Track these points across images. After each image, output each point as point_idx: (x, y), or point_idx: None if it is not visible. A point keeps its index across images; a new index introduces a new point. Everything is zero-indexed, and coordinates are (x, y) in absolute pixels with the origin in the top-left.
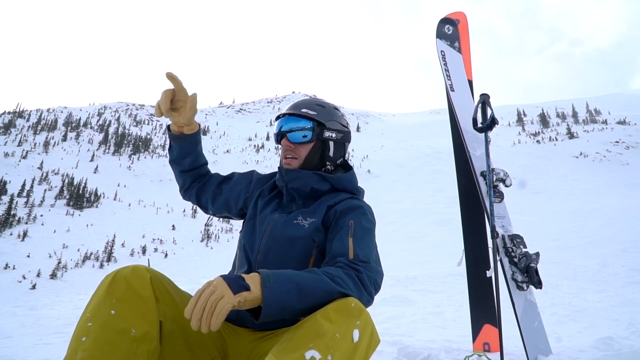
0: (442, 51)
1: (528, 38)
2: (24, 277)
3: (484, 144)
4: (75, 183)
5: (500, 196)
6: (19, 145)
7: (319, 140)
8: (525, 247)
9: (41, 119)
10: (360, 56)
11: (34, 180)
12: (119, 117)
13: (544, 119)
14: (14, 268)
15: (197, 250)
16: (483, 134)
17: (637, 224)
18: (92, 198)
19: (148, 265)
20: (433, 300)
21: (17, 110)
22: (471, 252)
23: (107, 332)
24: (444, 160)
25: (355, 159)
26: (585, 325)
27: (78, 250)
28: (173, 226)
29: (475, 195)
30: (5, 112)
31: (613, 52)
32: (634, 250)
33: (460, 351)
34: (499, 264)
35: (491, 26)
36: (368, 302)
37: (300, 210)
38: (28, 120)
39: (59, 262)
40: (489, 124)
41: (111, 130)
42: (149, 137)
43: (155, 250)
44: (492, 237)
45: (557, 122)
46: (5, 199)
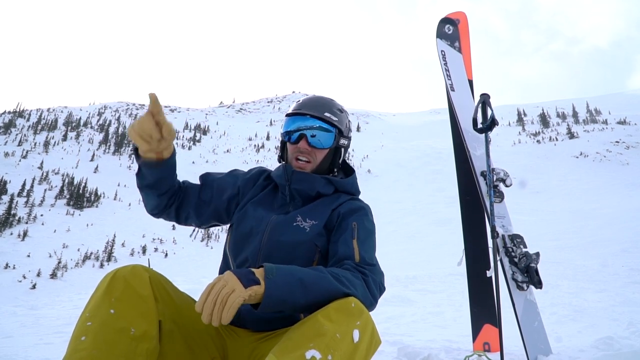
0: (442, 51)
1: (525, 37)
2: (24, 277)
3: (484, 144)
4: (75, 183)
5: (500, 196)
6: (19, 145)
7: (335, 147)
8: (525, 247)
9: (41, 119)
10: (360, 56)
11: (34, 180)
12: (119, 117)
13: (544, 119)
14: (14, 268)
15: (197, 250)
16: (483, 134)
17: (637, 224)
18: (92, 198)
19: (148, 265)
20: (433, 300)
21: (17, 110)
22: (471, 252)
23: (106, 332)
24: (444, 160)
25: (355, 159)
26: (585, 325)
27: (78, 250)
28: (173, 226)
29: (476, 195)
30: (5, 111)
31: (611, 51)
32: (634, 250)
33: (460, 351)
34: (499, 263)
35: (488, 25)
36: (372, 305)
37: (299, 210)
38: (28, 120)
39: (59, 262)
40: (489, 124)
41: (111, 130)
42: None
43: (156, 250)
44: (492, 237)
45: (557, 122)
46: (6, 198)
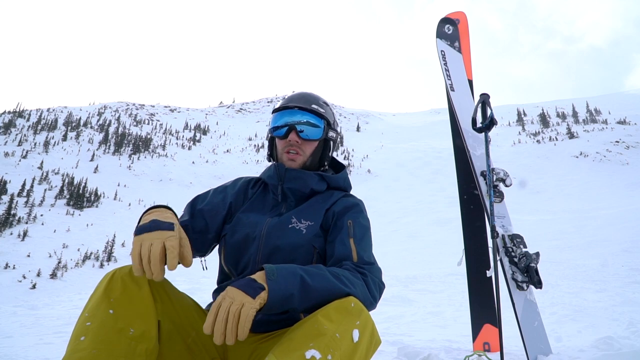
0: (442, 51)
1: (522, 36)
2: (24, 277)
3: (484, 144)
4: (75, 183)
5: (500, 196)
6: (19, 145)
7: (324, 139)
8: (525, 247)
9: (41, 119)
10: (360, 56)
11: (34, 180)
12: (119, 117)
13: (544, 119)
14: (14, 268)
15: None
16: (483, 133)
17: (637, 224)
18: (92, 198)
19: None
20: (433, 300)
21: (17, 110)
22: (471, 252)
23: (105, 332)
24: (444, 160)
25: (355, 158)
26: (585, 325)
27: (78, 250)
28: None
29: (476, 195)
30: (5, 111)
31: (609, 50)
32: (634, 250)
33: (460, 351)
34: (499, 263)
35: (485, 25)
36: (372, 304)
37: (293, 211)
38: (28, 120)
39: (59, 262)
40: (487, 124)
41: (111, 130)
42: (149, 136)
43: None
44: (492, 237)
45: (557, 121)
46: (5, 198)
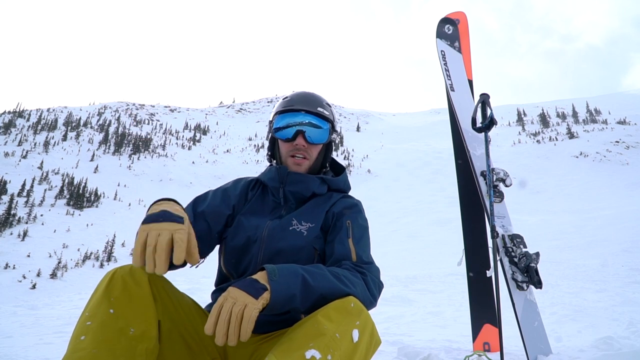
0: (442, 51)
1: (519, 36)
2: (24, 277)
3: (484, 144)
4: (75, 183)
5: (500, 196)
6: (19, 145)
7: (328, 142)
8: (525, 247)
9: (41, 119)
10: (360, 56)
11: (34, 180)
12: (119, 117)
13: (544, 119)
14: (14, 268)
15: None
16: (483, 133)
17: (637, 223)
18: (92, 198)
19: None
20: (433, 300)
21: (17, 110)
22: (471, 252)
23: (105, 331)
24: (444, 160)
25: (355, 159)
26: (585, 325)
27: (78, 250)
28: None
29: (476, 195)
30: (5, 111)
31: (606, 49)
32: (634, 250)
33: (460, 351)
34: (499, 263)
35: (482, 25)
36: (372, 303)
37: (293, 213)
38: (28, 120)
39: (59, 262)
40: (487, 124)
41: (111, 130)
42: (149, 136)
43: None
44: (492, 237)
45: (557, 122)
46: (5, 198)
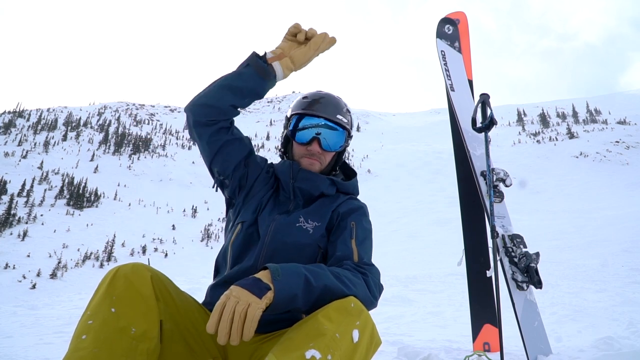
0: (442, 51)
1: (516, 36)
2: (24, 277)
3: (484, 144)
4: (75, 183)
5: (500, 196)
6: (19, 145)
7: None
8: (525, 247)
9: (41, 119)
10: (360, 56)
11: (34, 180)
12: (119, 117)
13: (544, 119)
14: (14, 268)
15: (197, 250)
16: (483, 133)
17: (637, 223)
18: (92, 198)
19: (148, 264)
20: (433, 300)
21: (17, 110)
22: (471, 252)
23: (107, 330)
24: (444, 160)
25: (355, 159)
26: (585, 325)
27: (78, 250)
28: (173, 226)
29: (476, 195)
30: (5, 111)
31: (603, 48)
32: (634, 250)
33: (460, 351)
34: (499, 263)
35: (479, 25)
36: (372, 304)
37: (301, 210)
38: (28, 120)
39: (59, 262)
40: (487, 124)
41: (111, 130)
42: (149, 136)
43: (155, 250)
44: (492, 237)
45: (557, 122)
46: (5, 198)
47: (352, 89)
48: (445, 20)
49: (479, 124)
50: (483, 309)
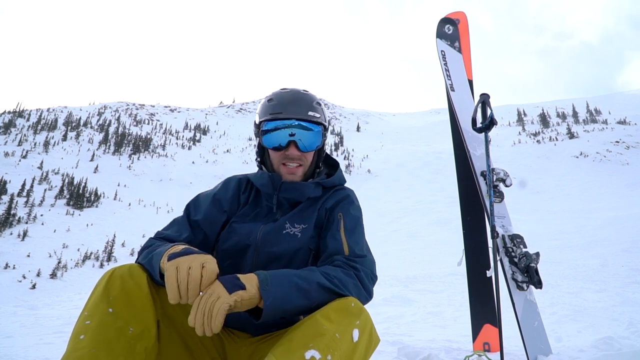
0: (442, 51)
1: (514, 36)
2: (24, 277)
3: (484, 144)
4: (75, 183)
5: (500, 196)
6: (19, 145)
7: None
8: (525, 247)
9: (41, 119)
10: (359, 56)
11: (34, 180)
12: (119, 117)
13: (544, 119)
14: (14, 268)
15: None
16: (483, 133)
17: (637, 223)
18: (92, 198)
19: None
20: (433, 300)
21: (17, 110)
22: (471, 252)
23: (104, 330)
24: (445, 160)
25: (355, 159)
26: (585, 325)
27: (78, 250)
28: None
29: (476, 195)
30: (5, 111)
31: (601, 47)
32: (634, 250)
33: (460, 351)
34: (499, 263)
35: (477, 25)
36: (366, 299)
37: (286, 216)
38: (28, 120)
39: (59, 262)
40: (487, 124)
41: (111, 129)
42: (149, 136)
43: None
44: (492, 237)
45: (557, 122)
46: (5, 198)
47: (352, 89)
48: (446, 20)
49: (479, 124)
50: (483, 309)
